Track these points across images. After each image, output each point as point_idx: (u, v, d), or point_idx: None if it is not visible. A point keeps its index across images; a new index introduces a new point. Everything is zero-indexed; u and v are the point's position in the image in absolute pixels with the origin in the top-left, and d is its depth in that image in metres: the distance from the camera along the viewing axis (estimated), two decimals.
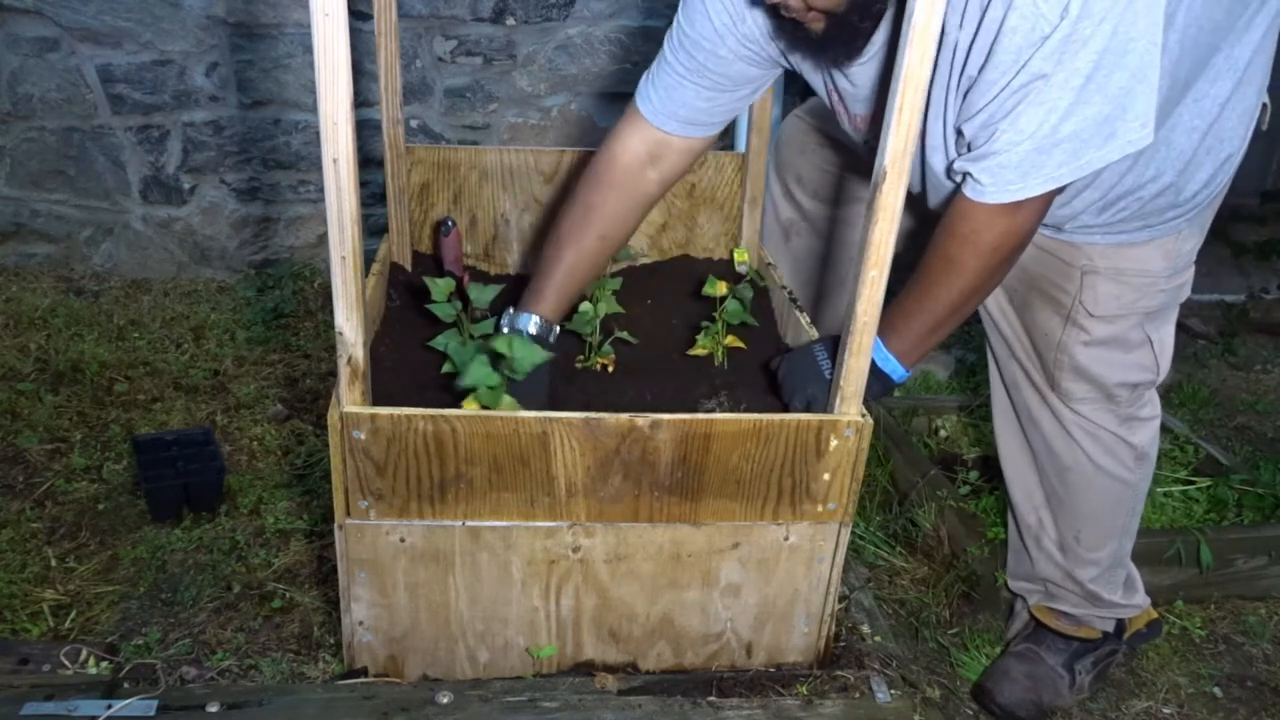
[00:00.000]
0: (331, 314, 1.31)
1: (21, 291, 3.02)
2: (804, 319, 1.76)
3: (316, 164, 3.14)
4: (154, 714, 1.43)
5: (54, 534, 2.04)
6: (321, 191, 1.24)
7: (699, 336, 1.78)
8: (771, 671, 1.60)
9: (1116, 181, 1.49)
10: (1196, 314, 3.66)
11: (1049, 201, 1.40)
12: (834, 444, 1.44)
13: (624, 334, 1.75)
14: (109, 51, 2.97)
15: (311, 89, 1.99)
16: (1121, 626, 1.90)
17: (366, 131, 3.04)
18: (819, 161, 1.97)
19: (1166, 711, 1.89)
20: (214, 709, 1.44)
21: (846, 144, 1.74)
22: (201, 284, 3.21)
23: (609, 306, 1.74)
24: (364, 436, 1.36)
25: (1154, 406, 1.74)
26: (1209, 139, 1.49)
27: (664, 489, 1.44)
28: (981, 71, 1.32)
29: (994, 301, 1.74)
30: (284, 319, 3.01)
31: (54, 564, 1.95)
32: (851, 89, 1.55)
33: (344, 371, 1.34)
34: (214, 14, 2.95)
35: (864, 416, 1.44)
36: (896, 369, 1.48)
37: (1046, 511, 1.81)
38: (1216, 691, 1.95)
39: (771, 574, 1.54)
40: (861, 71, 1.50)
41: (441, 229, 2.03)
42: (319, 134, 1.20)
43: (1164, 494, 2.32)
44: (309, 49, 2.13)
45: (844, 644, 1.68)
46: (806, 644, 1.62)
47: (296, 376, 2.70)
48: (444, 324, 1.58)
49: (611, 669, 1.58)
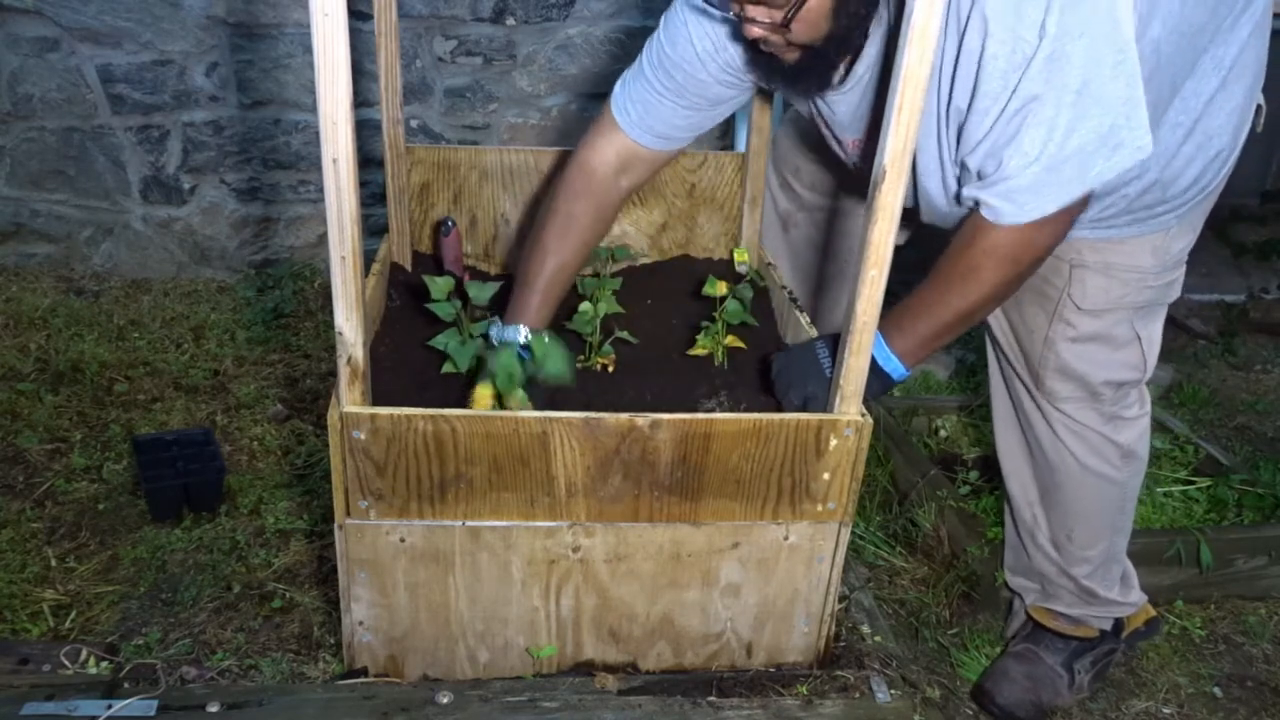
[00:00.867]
0: (331, 314, 1.31)
1: (21, 291, 3.02)
2: (804, 319, 1.76)
3: (316, 164, 3.14)
4: (154, 714, 1.43)
5: (54, 534, 2.04)
6: (321, 191, 1.24)
7: (699, 336, 1.78)
8: (771, 671, 1.60)
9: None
10: (1196, 314, 3.66)
11: (1072, 215, 1.41)
12: (834, 443, 1.44)
13: (624, 334, 1.75)
14: (109, 51, 2.97)
15: (311, 89, 1.99)
16: (1120, 625, 1.90)
17: (366, 131, 3.04)
18: (816, 154, 1.98)
19: (1166, 711, 1.89)
20: (214, 709, 1.44)
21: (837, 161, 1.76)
22: (201, 284, 3.21)
23: (609, 306, 1.74)
24: (364, 436, 1.36)
25: (1141, 406, 1.74)
26: (1196, 135, 1.49)
27: (664, 489, 1.44)
28: (972, 102, 1.34)
29: None
30: (284, 319, 3.01)
31: (54, 564, 1.95)
32: (833, 116, 1.59)
33: (344, 371, 1.34)
34: (214, 14, 2.95)
35: (864, 416, 1.44)
36: (897, 368, 1.48)
37: (1041, 508, 1.82)
38: (1216, 691, 1.95)
39: (771, 574, 1.54)
40: (842, 100, 1.54)
41: (441, 229, 2.03)
42: (319, 134, 1.20)
43: (1164, 494, 2.32)
44: (309, 49, 2.13)
45: (844, 644, 1.68)
46: (806, 644, 1.62)
47: (296, 376, 2.70)
48: (444, 324, 1.58)
49: (611, 669, 1.58)
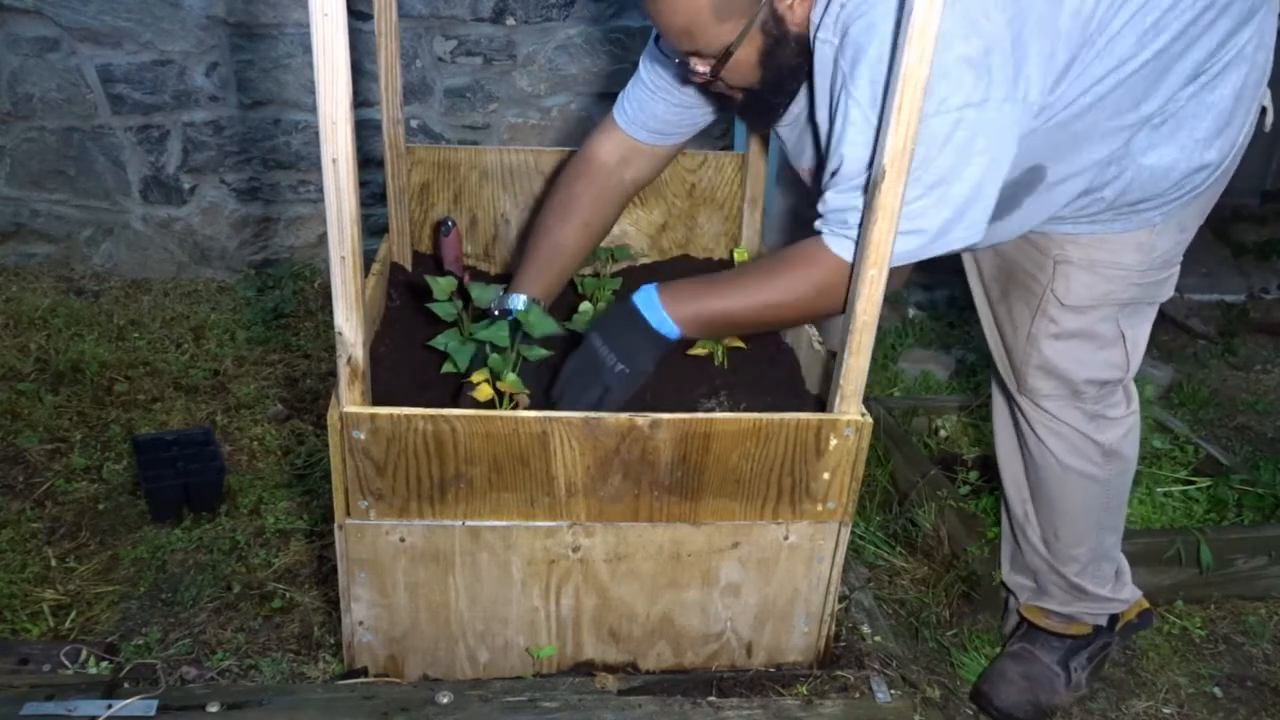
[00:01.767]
0: (331, 314, 1.31)
1: (21, 291, 3.02)
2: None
3: (316, 164, 3.14)
4: (154, 714, 1.43)
5: (54, 534, 2.04)
6: (321, 191, 1.24)
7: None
8: (771, 671, 1.60)
9: (1072, 191, 1.51)
10: (1196, 314, 3.66)
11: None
12: (834, 443, 1.44)
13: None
14: (109, 51, 2.97)
15: (311, 89, 1.98)
16: (1113, 619, 1.90)
17: (366, 131, 3.04)
18: None
19: (1166, 711, 1.89)
20: (214, 709, 1.44)
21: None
22: (201, 284, 3.21)
23: (609, 306, 1.74)
24: (364, 436, 1.36)
25: (1128, 405, 1.74)
26: (1180, 137, 1.48)
27: (664, 488, 1.44)
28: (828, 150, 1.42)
29: (977, 300, 1.78)
30: (284, 319, 3.01)
31: (54, 564, 1.95)
32: (783, 144, 1.67)
33: (344, 371, 1.34)
34: (214, 14, 2.95)
35: (864, 416, 1.44)
36: (667, 325, 1.49)
37: (1031, 505, 1.83)
38: (1216, 691, 1.95)
39: (771, 574, 1.54)
40: (786, 132, 1.64)
41: (441, 229, 2.03)
42: (319, 134, 1.20)
43: (1164, 494, 2.32)
44: (309, 49, 2.12)
45: (844, 644, 1.68)
46: (806, 644, 1.62)
47: (296, 376, 2.70)
48: (444, 324, 1.58)
49: (611, 669, 1.58)
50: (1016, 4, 1.32)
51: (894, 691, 1.57)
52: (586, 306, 1.73)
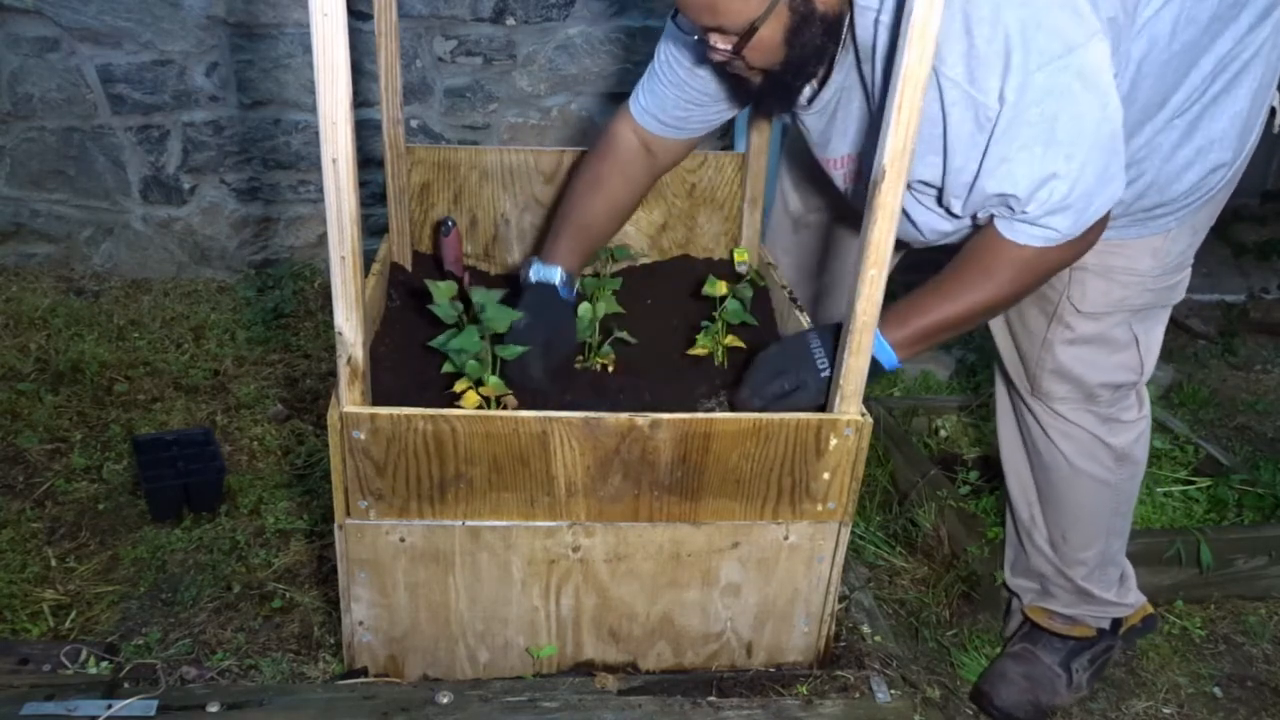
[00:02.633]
0: (331, 314, 1.31)
1: (21, 291, 3.02)
2: (804, 318, 1.76)
3: (316, 164, 3.14)
4: (154, 714, 1.43)
5: (54, 534, 2.04)
6: (321, 191, 1.24)
7: (699, 336, 1.78)
8: (771, 671, 1.60)
9: None
10: (1196, 314, 3.66)
11: (1089, 240, 1.42)
12: (834, 443, 1.44)
13: (624, 334, 1.74)
14: (109, 51, 2.97)
15: (311, 89, 1.98)
16: (1117, 623, 1.90)
17: (366, 131, 3.04)
18: None
19: (1166, 711, 1.89)
20: (214, 709, 1.44)
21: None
22: (201, 284, 3.21)
23: (609, 306, 1.74)
24: (364, 436, 1.36)
25: (1140, 409, 1.74)
26: (1195, 139, 1.49)
27: (664, 489, 1.44)
28: (946, 164, 1.39)
29: None
30: (284, 319, 3.01)
31: (54, 564, 1.95)
32: (806, 131, 1.64)
33: (344, 371, 1.34)
34: (214, 14, 2.95)
35: (864, 416, 1.44)
36: (890, 358, 1.48)
37: (1039, 508, 1.83)
38: (1216, 691, 1.95)
39: (771, 574, 1.54)
40: (811, 121, 1.60)
41: (441, 229, 2.03)
42: (319, 134, 1.20)
43: (1164, 494, 2.32)
44: (309, 49, 2.12)
45: (844, 644, 1.68)
46: (806, 644, 1.62)
47: (296, 376, 2.70)
48: (444, 324, 1.58)
49: (611, 669, 1.58)
50: None
51: (894, 691, 1.57)
52: (586, 307, 1.72)
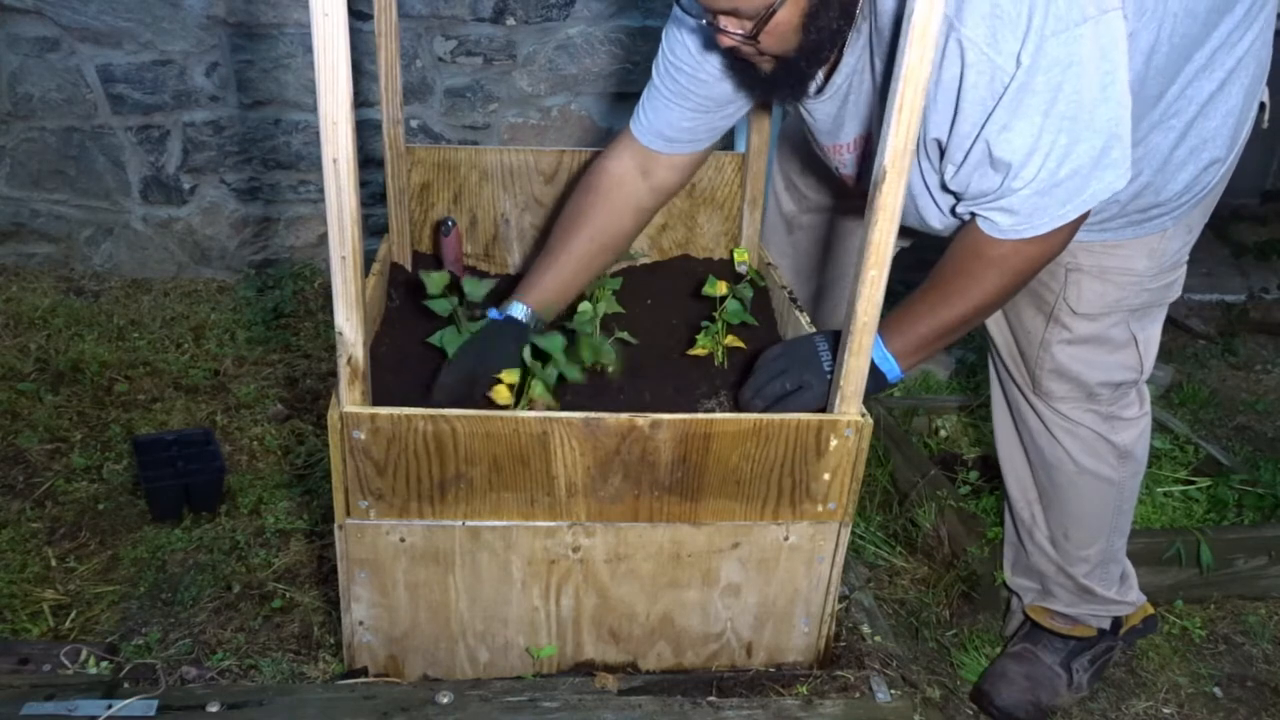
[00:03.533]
0: (331, 314, 1.31)
1: (21, 291, 3.02)
2: (804, 318, 1.76)
3: (316, 164, 3.14)
4: (154, 714, 1.43)
5: (54, 534, 2.04)
6: (321, 191, 1.24)
7: (699, 336, 1.78)
8: (771, 671, 1.60)
9: None
10: (1196, 314, 3.66)
11: (1072, 230, 1.41)
12: (834, 444, 1.43)
13: (624, 334, 1.75)
14: (109, 51, 2.97)
15: (311, 89, 1.99)
16: (1118, 623, 1.90)
17: (366, 131, 3.04)
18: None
19: (1166, 711, 1.89)
20: (214, 709, 1.44)
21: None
22: (201, 284, 3.21)
23: (609, 306, 1.74)
24: (364, 436, 1.36)
25: (1141, 406, 1.74)
26: (1190, 138, 1.48)
27: (664, 489, 1.44)
28: (952, 127, 1.36)
29: None
30: (284, 319, 3.01)
31: (54, 564, 1.95)
32: (814, 122, 1.61)
33: (344, 371, 1.34)
34: (214, 14, 2.95)
35: (864, 416, 1.44)
36: (893, 369, 1.48)
37: (1039, 507, 1.83)
38: (1216, 691, 1.95)
39: (771, 574, 1.54)
40: (820, 108, 1.56)
41: (441, 229, 2.03)
42: (319, 134, 1.20)
43: (1164, 494, 2.32)
44: (309, 49, 2.13)
45: (844, 644, 1.68)
46: (806, 644, 1.62)
47: (296, 376, 2.70)
48: (444, 323, 1.58)
49: (611, 669, 1.58)
50: None
51: (894, 691, 1.57)
52: (586, 306, 1.72)
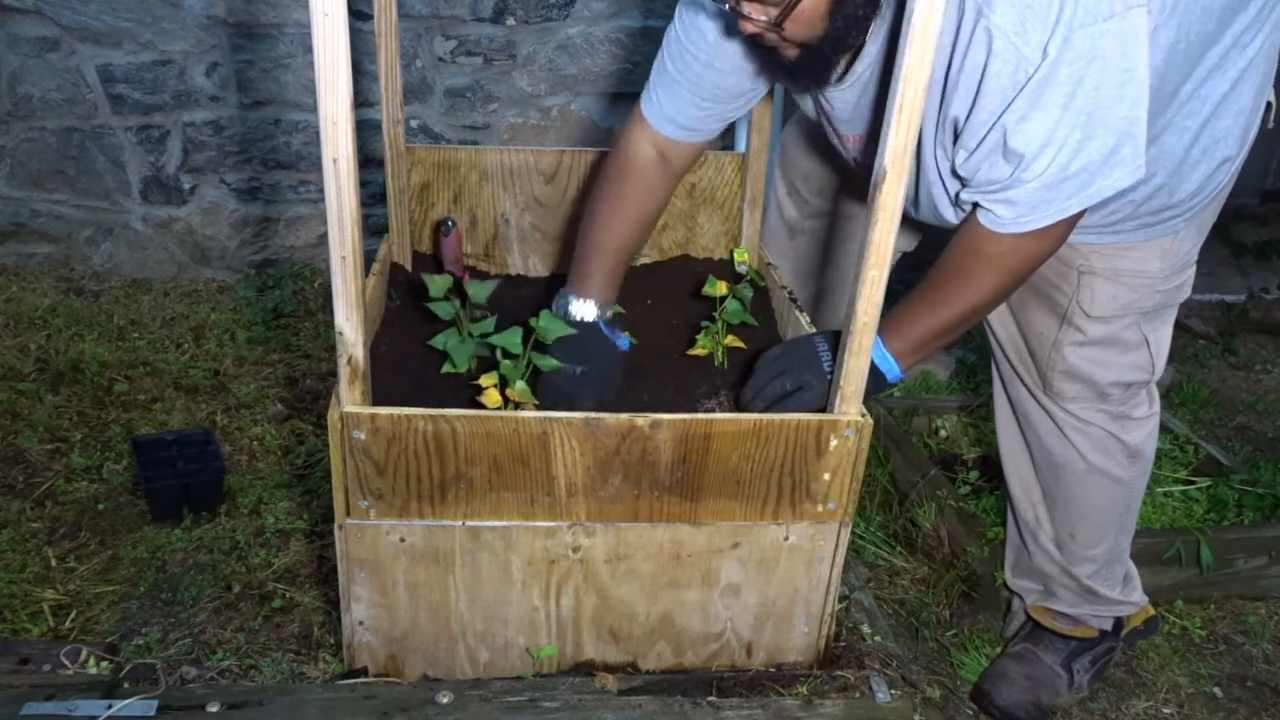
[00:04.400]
0: (331, 314, 1.31)
1: (21, 291, 3.02)
2: (804, 319, 1.76)
3: (316, 164, 3.14)
4: (154, 714, 1.43)
5: (54, 534, 2.04)
6: (321, 191, 1.24)
7: (699, 336, 1.78)
8: (771, 671, 1.60)
9: None
10: (1196, 314, 3.66)
11: (1070, 226, 1.41)
12: (834, 444, 1.43)
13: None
14: (109, 51, 2.97)
15: (311, 89, 1.98)
16: (1119, 624, 1.90)
17: (366, 131, 3.04)
18: (824, 158, 1.98)
19: (1166, 711, 1.89)
20: (214, 709, 1.44)
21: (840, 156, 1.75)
22: (201, 284, 3.21)
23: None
24: (364, 436, 1.36)
25: (1150, 406, 1.74)
26: (1203, 139, 1.48)
27: (664, 489, 1.44)
28: (970, 114, 1.35)
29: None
30: (284, 319, 3.01)
31: (54, 564, 1.95)
32: (833, 111, 1.59)
33: (344, 371, 1.34)
34: (214, 14, 2.95)
35: (864, 416, 1.44)
36: (893, 369, 1.48)
37: (1043, 508, 1.82)
38: (1216, 691, 1.95)
39: (771, 574, 1.54)
40: (841, 96, 1.53)
41: (441, 229, 2.03)
42: (319, 134, 1.20)
43: (1164, 494, 2.32)
44: (309, 49, 2.13)
45: (844, 644, 1.68)
46: (806, 644, 1.62)
47: (296, 376, 2.70)
48: (444, 323, 1.58)
49: (611, 669, 1.58)
50: None
51: (894, 691, 1.57)
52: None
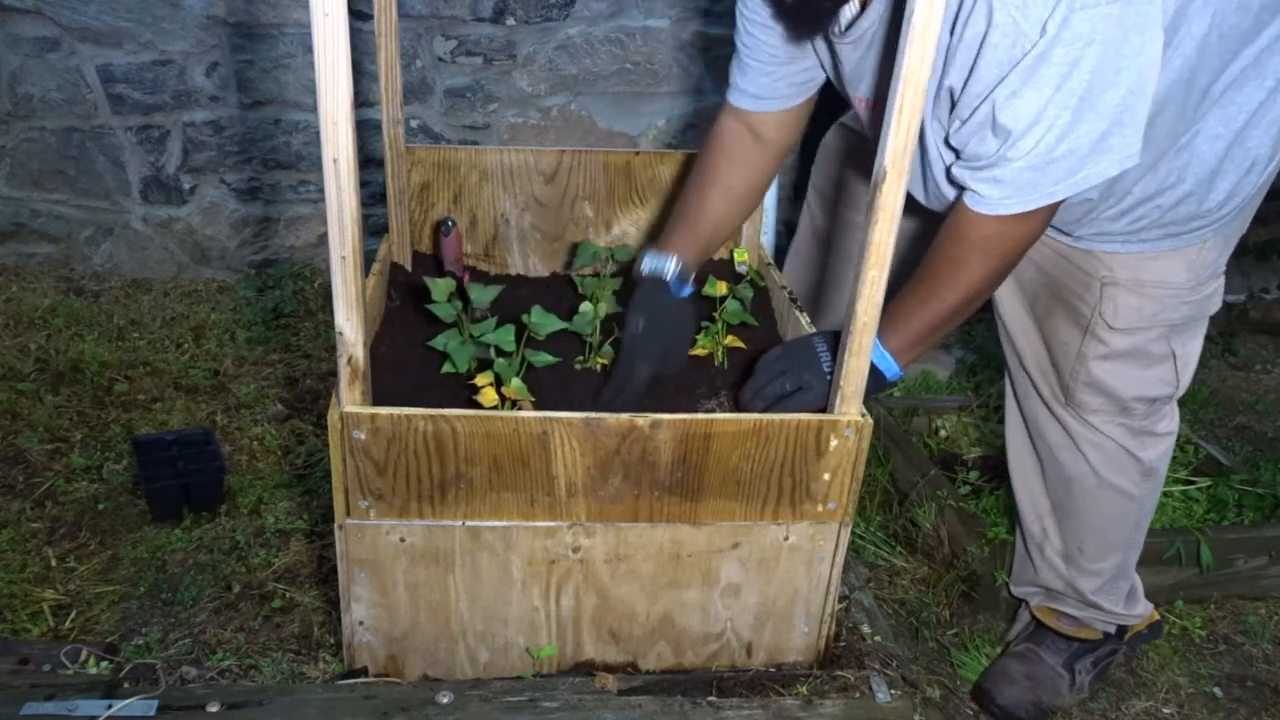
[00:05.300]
0: (331, 314, 1.31)
1: (21, 291, 3.02)
2: (804, 319, 1.76)
3: (316, 164, 3.14)
4: (154, 714, 1.43)
5: (54, 534, 2.04)
6: (321, 191, 1.24)
7: (699, 336, 1.78)
8: (771, 671, 1.60)
9: (1132, 187, 1.47)
10: None
11: (1053, 211, 1.40)
12: (834, 444, 1.43)
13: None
14: (109, 51, 2.97)
15: (311, 89, 1.99)
16: (1123, 628, 1.90)
17: (366, 131, 3.04)
18: (858, 170, 1.97)
19: (1166, 711, 1.89)
20: (214, 709, 1.44)
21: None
22: (201, 284, 3.21)
23: (609, 306, 1.74)
24: (364, 436, 1.36)
25: (1171, 421, 1.71)
26: (1235, 149, 1.46)
27: (664, 489, 1.44)
28: (965, 85, 1.34)
29: (1012, 312, 1.73)
30: (284, 319, 3.01)
31: (54, 564, 1.95)
32: (842, 67, 1.59)
33: (344, 371, 1.34)
34: (214, 14, 2.95)
35: (864, 416, 1.44)
36: (891, 366, 1.48)
37: (1051, 521, 1.81)
38: (1216, 691, 1.95)
39: (771, 574, 1.54)
40: (845, 51, 1.54)
41: (441, 229, 2.03)
42: (319, 134, 1.20)
43: (1164, 494, 2.32)
44: (309, 49, 2.13)
45: (844, 644, 1.68)
46: (806, 644, 1.62)
47: (296, 376, 2.70)
48: (444, 324, 1.58)
49: (611, 669, 1.58)
50: None
51: (894, 691, 1.57)
52: (587, 307, 1.72)
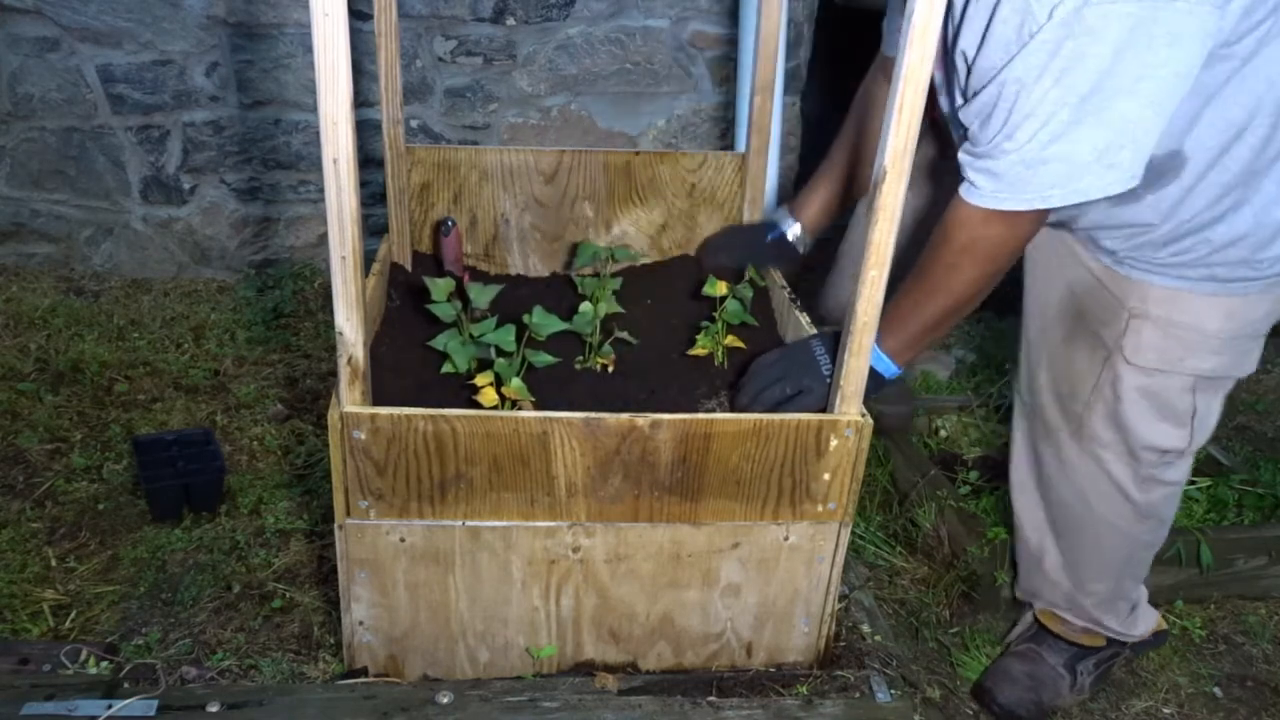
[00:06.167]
0: (331, 314, 1.31)
1: (21, 291, 3.02)
2: (804, 319, 1.76)
3: (316, 164, 3.14)
4: (154, 714, 1.43)
5: (54, 534, 2.04)
6: (321, 191, 1.24)
7: (699, 336, 1.78)
8: (771, 671, 1.60)
9: (1179, 207, 1.38)
10: None
11: (1043, 217, 1.36)
12: (834, 444, 1.44)
13: (624, 334, 1.74)
14: (109, 51, 2.97)
15: (311, 89, 1.99)
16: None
17: (366, 131, 3.04)
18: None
19: (1166, 711, 1.89)
20: (214, 709, 1.44)
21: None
22: (201, 284, 3.21)
23: (609, 306, 1.74)
24: (364, 436, 1.36)
25: (1180, 472, 1.63)
26: None
27: (664, 489, 1.44)
28: (977, 56, 1.29)
29: (1037, 329, 1.69)
30: (284, 319, 3.01)
31: (54, 564, 1.95)
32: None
33: (344, 371, 1.34)
34: (214, 14, 2.95)
35: (864, 416, 1.44)
36: (889, 367, 1.47)
37: (1050, 538, 1.80)
38: (1216, 691, 1.95)
39: (771, 574, 1.54)
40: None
41: (441, 229, 2.03)
42: (319, 134, 1.20)
43: None
44: (309, 49, 2.13)
45: (844, 644, 1.68)
46: (806, 644, 1.62)
47: (296, 376, 2.70)
48: (444, 324, 1.58)
49: (611, 669, 1.58)
50: None
51: (894, 691, 1.57)
52: (587, 307, 1.72)
